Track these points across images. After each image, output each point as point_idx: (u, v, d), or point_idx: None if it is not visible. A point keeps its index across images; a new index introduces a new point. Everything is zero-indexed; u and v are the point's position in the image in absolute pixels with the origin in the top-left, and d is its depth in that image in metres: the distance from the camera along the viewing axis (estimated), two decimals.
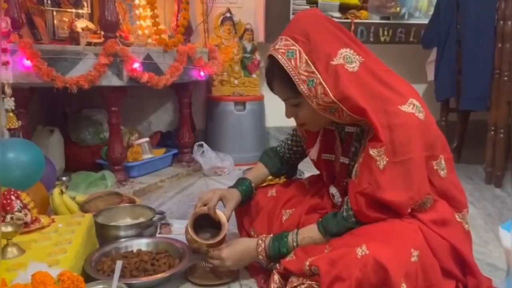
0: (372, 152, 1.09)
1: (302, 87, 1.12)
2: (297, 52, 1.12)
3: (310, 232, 1.22)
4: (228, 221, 1.42)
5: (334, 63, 1.10)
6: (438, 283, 1.08)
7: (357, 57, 1.12)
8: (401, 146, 1.07)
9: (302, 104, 1.18)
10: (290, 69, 1.12)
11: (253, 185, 1.51)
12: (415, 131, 1.09)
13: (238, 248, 1.30)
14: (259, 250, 1.26)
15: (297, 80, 1.12)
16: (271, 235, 1.29)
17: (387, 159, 1.07)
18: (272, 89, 1.24)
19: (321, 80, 1.10)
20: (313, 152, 1.38)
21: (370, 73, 1.12)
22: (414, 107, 1.11)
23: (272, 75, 1.19)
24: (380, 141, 1.08)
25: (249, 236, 1.48)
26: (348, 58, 1.11)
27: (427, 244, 1.09)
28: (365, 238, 1.05)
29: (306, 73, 1.11)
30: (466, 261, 1.15)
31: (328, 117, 1.17)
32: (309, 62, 1.11)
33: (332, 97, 1.09)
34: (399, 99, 1.11)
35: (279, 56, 1.14)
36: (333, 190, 1.35)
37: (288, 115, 1.25)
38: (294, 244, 1.22)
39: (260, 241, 1.27)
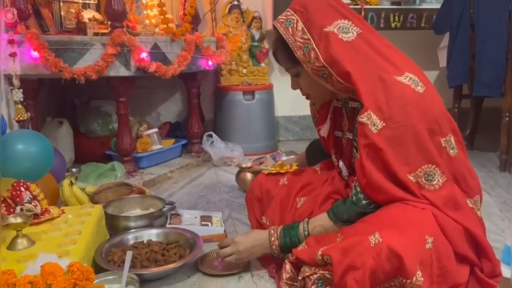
0: (361, 118, 1.10)
1: (298, 52, 1.18)
2: (295, 21, 1.19)
3: (321, 220, 1.22)
4: None
5: (326, 29, 1.15)
6: (452, 269, 1.06)
7: (355, 28, 1.17)
8: (396, 114, 1.08)
9: (301, 73, 1.25)
10: (287, 36, 1.19)
11: None
12: (410, 102, 1.09)
13: (251, 236, 1.30)
14: (272, 239, 1.25)
15: (293, 46, 1.18)
16: (282, 226, 1.28)
17: (383, 123, 1.08)
18: (277, 60, 1.31)
19: (314, 45, 1.16)
20: (324, 129, 1.41)
21: (366, 44, 1.16)
22: (410, 79, 1.12)
23: (276, 45, 1.27)
24: (364, 106, 1.09)
25: (260, 225, 1.47)
26: (344, 29, 1.16)
27: (441, 230, 1.06)
28: (378, 225, 1.03)
29: (302, 40, 1.17)
30: (481, 245, 1.12)
31: (324, 86, 1.20)
32: (305, 30, 1.17)
33: (322, 61, 1.14)
34: (395, 71, 1.13)
35: (278, 25, 1.22)
36: (341, 164, 1.35)
37: (292, 86, 1.32)
38: (305, 233, 1.21)
39: (272, 231, 1.27)
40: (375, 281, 0.96)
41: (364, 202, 1.15)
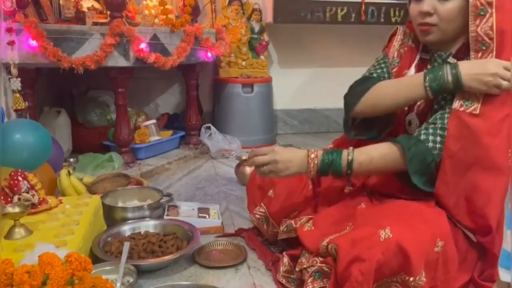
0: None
1: None
2: None
3: (370, 149, 1.16)
4: None
5: None
6: (454, 276, 1.06)
7: None
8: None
9: None
10: None
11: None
12: None
13: (290, 150, 1.23)
14: (312, 157, 1.18)
15: None
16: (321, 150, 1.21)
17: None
18: None
19: None
20: (410, 74, 1.28)
21: None
22: None
23: None
24: None
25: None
26: None
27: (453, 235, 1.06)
28: (390, 220, 1.01)
29: None
30: (489, 250, 1.12)
31: (463, 25, 1.11)
32: None
33: None
34: None
35: None
36: (411, 116, 1.26)
37: (427, 6, 1.15)
38: (349, 157, 1.15)
39: (312, 150, 1.20)
40: (379, 275, 0.96)
41: (435, 152, 1.09)
